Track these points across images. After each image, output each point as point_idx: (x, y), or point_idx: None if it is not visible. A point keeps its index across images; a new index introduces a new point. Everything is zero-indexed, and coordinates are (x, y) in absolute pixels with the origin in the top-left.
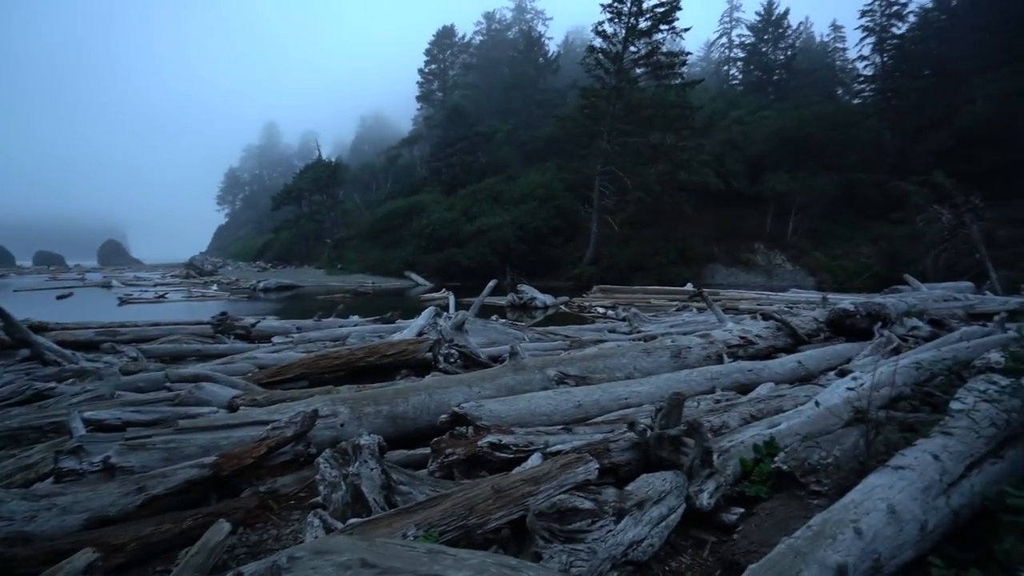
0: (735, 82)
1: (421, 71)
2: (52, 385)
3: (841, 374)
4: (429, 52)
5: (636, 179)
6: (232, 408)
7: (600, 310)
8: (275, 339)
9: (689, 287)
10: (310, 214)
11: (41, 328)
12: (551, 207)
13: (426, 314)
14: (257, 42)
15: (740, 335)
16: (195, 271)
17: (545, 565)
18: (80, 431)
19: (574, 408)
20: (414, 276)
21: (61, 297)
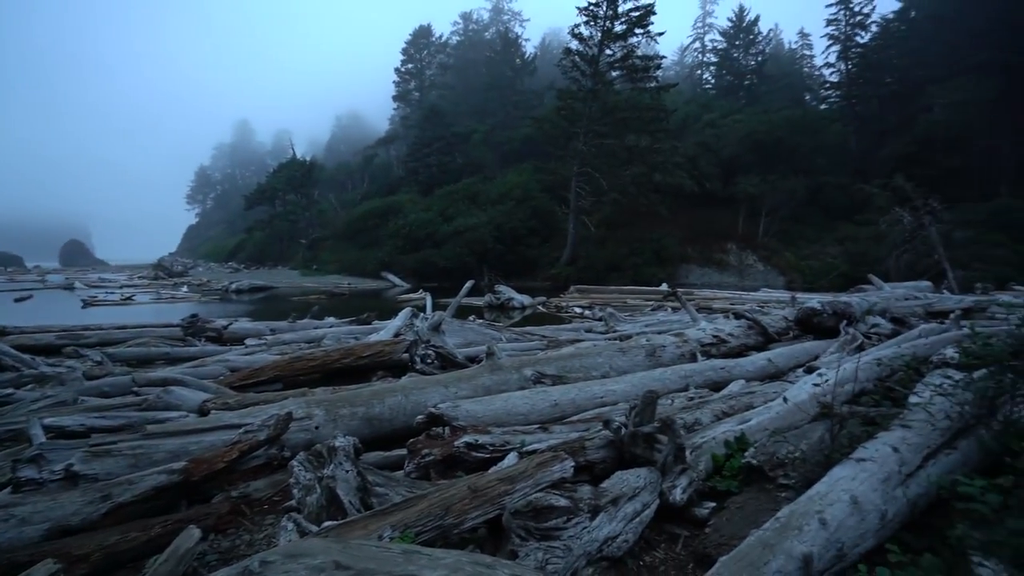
0: (708, 86)
1: (398, 70)
2: (9, 391)
3: (809, 371)
4: (406, 52)
5: (612, 180)
6: (203, 412)
7: (577, 310)
8: (248, 341)
9: (664, 287)
10: (284, 214)
11: None
12: (528, 208)
13: (403, 315)
14: (228, 37)
15: (713, 334)
16: (164, 272)
17: (521, 563)
18: (40, 438)
19: (551, 407)
20: (391, 277)
21: (20, 300)
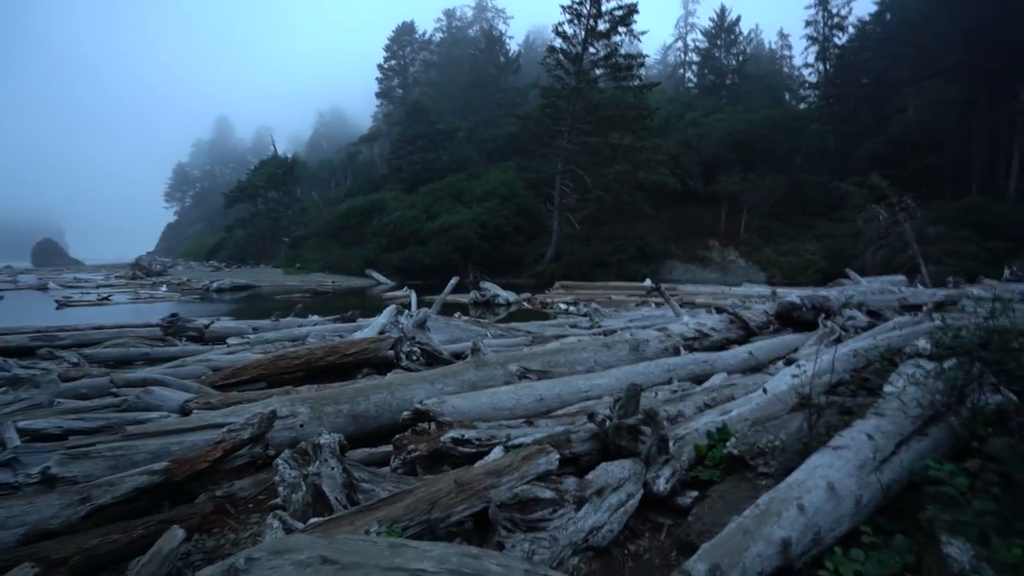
0: (690, 85)
1: (381, 67)
2: None
3: (788, 363)
4: (389, 48)
5: (596, 178)
6: (185, 412)
7: (562, 306)
8: (230, 340)
9: (648, 283)
10: (266, 212)
11: None
12: (513, 205)
13: (388, 312)
14: (206, 31)
15: (696, 328)
16: (142, 272)
17: (507, 554)
18: (14, 442)
19: (536, 402)
20: (375, 275)
21: None
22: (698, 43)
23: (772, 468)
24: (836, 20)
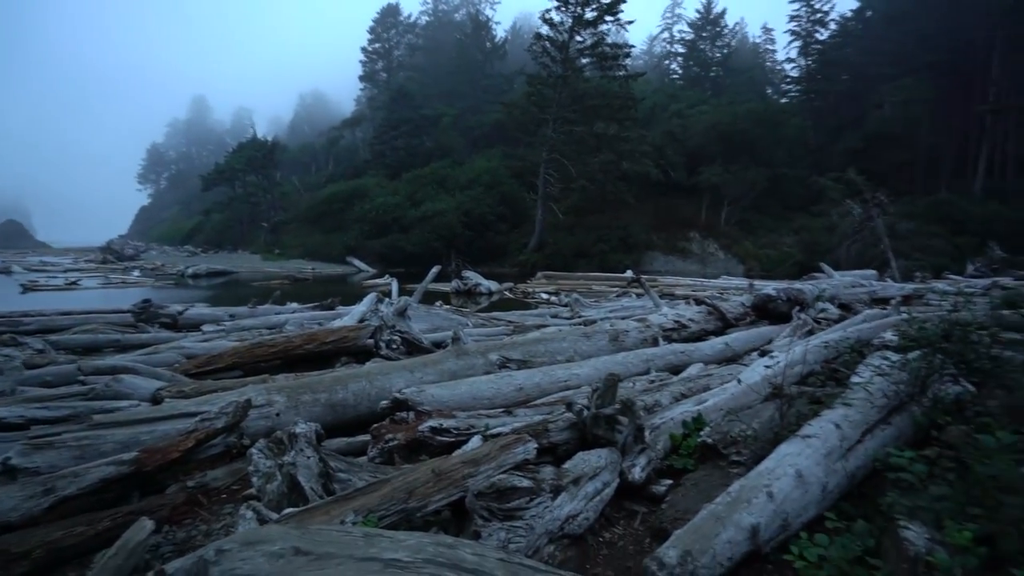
0: (675, 76)
1: (364, 50)
2: None
3: (763, 354)
4: (373, 31)
5: (580, 168)
6: (156, 401)
7: (544, 296)
8: (205, 327)
9: (629, 274)
10: (244, 196)
11: None
12: (497, 194)
13: (368, 300)
14: (183, 6)
15: (675, 319)
16: (113, 256)
17: (484, 542)
18: None
19: (515, 391)
20: (356, 262)
21: None
22: (684, 34)
23: (744, 457)
24: (818, 16)
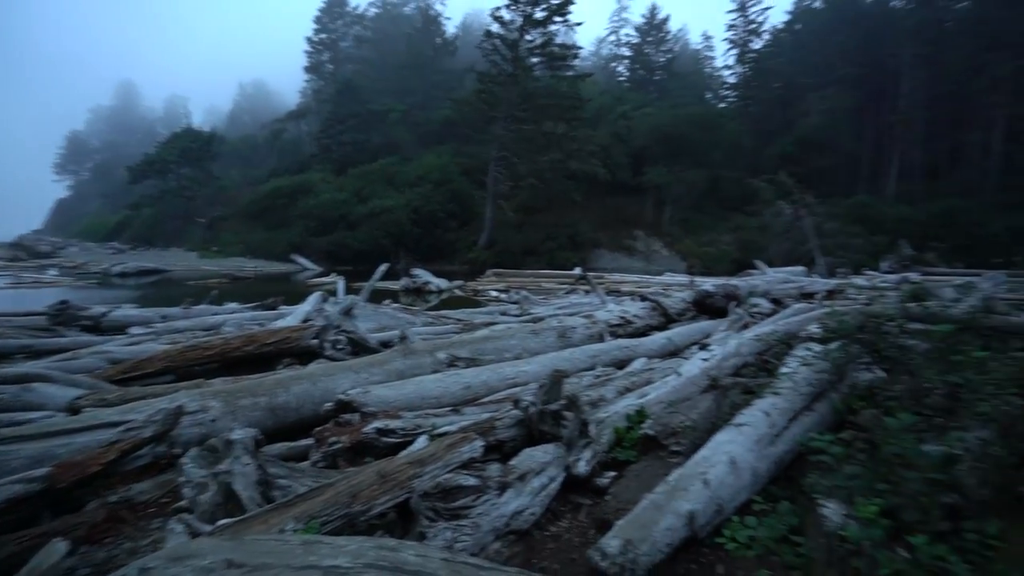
0: (622, 79)
1: (310, 40)
2: None
3: (702, 348)
4: (319, 20)
5: (530, 166)
6: (74, 411)
7: (493, 293)
8: (133, 330)
9: (577, 271)
10: (178, 189)
11: None
12: (446, 191)
13: (312, 299)
14: None
15: (620, 315)
16: (25, 253)
17: (429, 543)
18: None
19: (463, 389)
20: (301, 260)
21: None
22: (630, 38)
23: (683, 447)
24: (753, 26)
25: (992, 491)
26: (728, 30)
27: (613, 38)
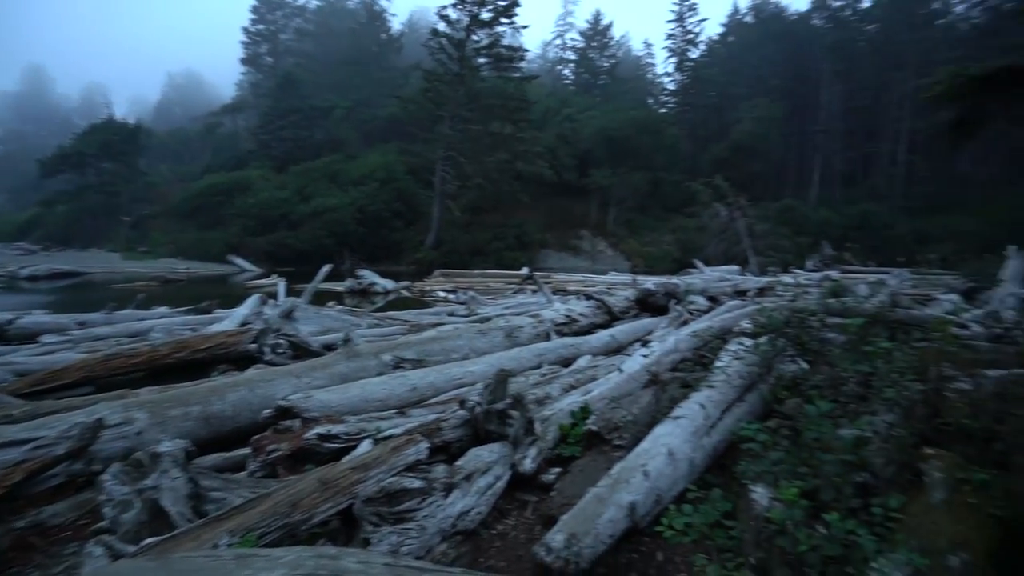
0: (567, 82)
1: (247, 30)
2: None
3: (644, 344)
4: (256, 10)
5: (477, 166)
6: None
7: (441, 294)
8: (45, 338)
9: (524, 271)
10: (99, 185)
11: None
12: (392, 190)
13: (250, 302)
14: None
15: (566, 314)
16: None
17: (372, 549)
18: None
19: (409, 391)
20: (239, 261)
21: None
22: (575, 42)
23: (625, 440)
24: (691, 36)
25: (896, 469)
26: (668, 39)
27: (559, 42)
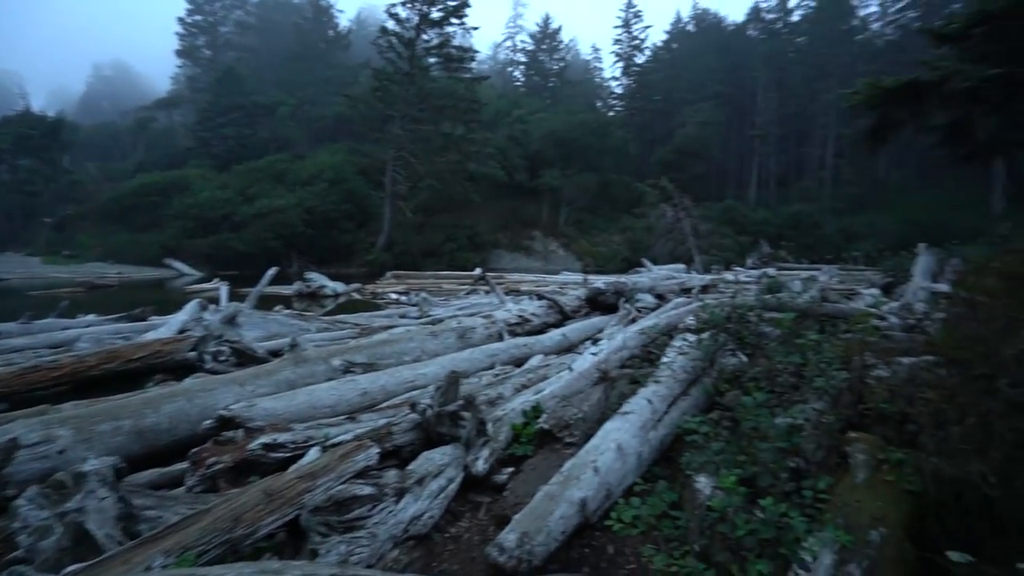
0: (518, 84)
1: (182, 21)
2: None
3: (594, 343)
4: (193, 0)
5: (428, 167)
6: None
7: (393, 296)
8: None
9: (477, 272)
10: (15, 184)
11: None
12: (342, 190)
13: (189, 308)
14: None
15: (518, 314)
16: None
17: (320, 560)
18: None
19: (359, 396)
20: (177, 264)
21: None
22: (525, 45)
23: (576, 438)
24: (636, 42)
25: (825, 453)
26: (615, 44)
27: (509, 44)
